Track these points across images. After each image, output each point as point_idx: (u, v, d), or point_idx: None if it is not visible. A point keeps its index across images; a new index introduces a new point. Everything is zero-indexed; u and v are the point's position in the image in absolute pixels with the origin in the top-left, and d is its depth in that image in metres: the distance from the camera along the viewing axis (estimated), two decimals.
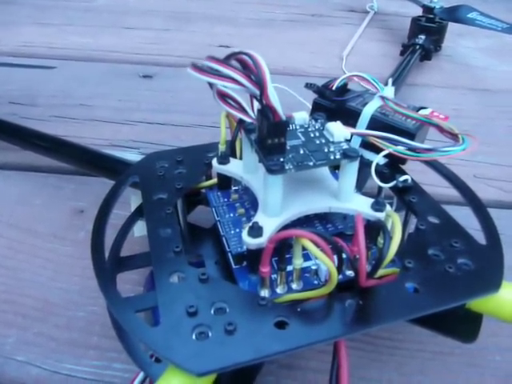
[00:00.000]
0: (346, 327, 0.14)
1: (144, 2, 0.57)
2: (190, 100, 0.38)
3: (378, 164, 0.18)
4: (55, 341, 0.21)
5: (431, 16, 0.46)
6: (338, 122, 0.18)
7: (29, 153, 0.30)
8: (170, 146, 0.32)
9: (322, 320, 0.14)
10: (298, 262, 0.16)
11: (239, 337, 0.14)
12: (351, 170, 0.17)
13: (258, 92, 0.15)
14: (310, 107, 0.23)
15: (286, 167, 0.16)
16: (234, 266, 0.17)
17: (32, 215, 0.27)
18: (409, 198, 0.20)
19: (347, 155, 0.16)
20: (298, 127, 0.18)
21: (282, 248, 0.15)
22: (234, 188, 0.21)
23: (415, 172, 0.22)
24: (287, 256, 0.16)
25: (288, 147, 0.17)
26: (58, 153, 0.28)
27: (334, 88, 0.23)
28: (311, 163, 0.16)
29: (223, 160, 0.20)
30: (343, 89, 0.24)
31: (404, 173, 0.21)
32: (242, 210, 0.19)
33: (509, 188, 0.30)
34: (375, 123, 0.21)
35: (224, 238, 0.18)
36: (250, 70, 0.15)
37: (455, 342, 0.21)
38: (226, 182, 0.21)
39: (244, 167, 0.19)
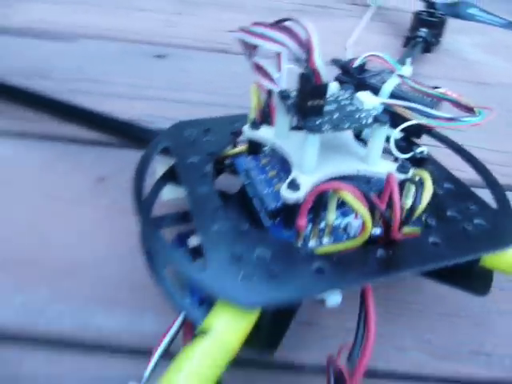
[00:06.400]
0: (378, 272, 0.16)
1: None
2: (202, 81, 0.39)
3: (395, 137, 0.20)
4: (86, 295, 0.22)
5: (432, 10, 0.48)
6: (368, 92, 0.19)
7: (44, 122, 0.30)
8: None
9: (357, 267, 0.16)
10: (332, 217, 0.17)
11: (282, 279, 0.15)
12: (380, 134, 0.18)
13: (303, 56, 0.16)
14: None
15: (324, 128, 0.17)
16: (267, 223, 0.19)
17: (55, 182, 0.28)
18: (425, 167, 0.22)
19: (378, 119, 0.18)
20: (329, 96, 0.19)
21: (319, 202, 0.17)
22: (262, 154, 0.22)
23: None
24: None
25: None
26: (82, 120, 0.29)
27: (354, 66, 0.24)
28: (346, 125, 0.17)
29: (255, 126, 0.21)
30: (362, 68, 0.25)
31: (418, 146, 0.23)
32: (273, 172, 0.20)
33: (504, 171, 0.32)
34: (394, 99, 0.23)
35: (256, 198, 0.20)
36: (295, 35, 0.16)
37: (459, 304, 0.23)
38: (256, 147, 0.22)
39: (276, 133, 0.20)
